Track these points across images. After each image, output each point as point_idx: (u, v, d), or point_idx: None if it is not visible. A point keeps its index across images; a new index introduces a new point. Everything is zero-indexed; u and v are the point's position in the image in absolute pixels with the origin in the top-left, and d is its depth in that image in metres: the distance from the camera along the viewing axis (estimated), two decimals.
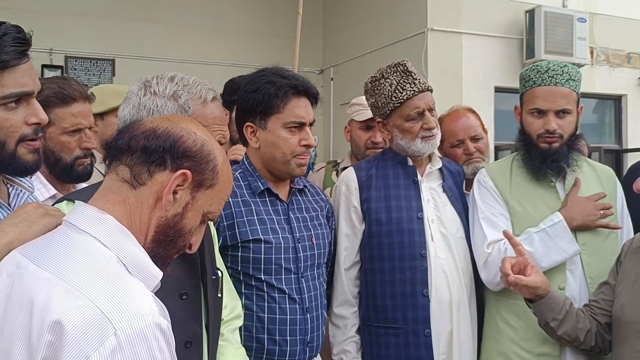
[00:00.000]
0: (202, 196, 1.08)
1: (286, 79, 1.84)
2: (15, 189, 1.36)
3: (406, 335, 2.00)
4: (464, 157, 2.46)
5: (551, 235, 1.94)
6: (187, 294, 1.40)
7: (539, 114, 2.02)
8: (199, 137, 1.08)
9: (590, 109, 6.69)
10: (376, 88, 2.11)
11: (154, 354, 0.88)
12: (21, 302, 0.92)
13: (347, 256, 2.09)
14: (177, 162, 1.04)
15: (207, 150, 1.08)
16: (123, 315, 0.87)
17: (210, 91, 1.47)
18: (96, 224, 0.99)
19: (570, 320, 1.81)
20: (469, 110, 2.58)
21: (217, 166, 1.09)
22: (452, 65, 5.46)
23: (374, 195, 2.08)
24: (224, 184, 1.11)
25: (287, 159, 1.84)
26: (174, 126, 1.07)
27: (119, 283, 0.92)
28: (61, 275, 0.91)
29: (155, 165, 1.03)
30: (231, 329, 1.67)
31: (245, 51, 6.15)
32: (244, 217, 1.80)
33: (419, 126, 2.06)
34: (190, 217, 1.07)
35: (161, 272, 1.06)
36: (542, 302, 1.80)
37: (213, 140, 1.13)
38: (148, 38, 6.15)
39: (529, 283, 1.76)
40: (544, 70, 2.03)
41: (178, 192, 1.04)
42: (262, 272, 1.80)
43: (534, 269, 1.79)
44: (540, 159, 2.02)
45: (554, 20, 5.63)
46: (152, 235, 1.05)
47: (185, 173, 1.04)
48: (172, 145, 1.04)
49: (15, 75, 1.20)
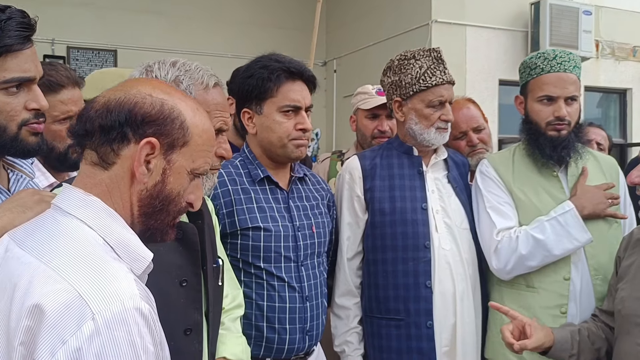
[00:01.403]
0: (178, 157, 1.02)
1: (280, 62, 1.83)
2: (15, 175, 1.35)
3: (408, 327, 1.99)
4: (468, 149, 2.45)
5: (563, 224, 1.93)
6: (187, 281, 1.40)
7: (549, 101, 2.01)
8: (156, 98, 1.01)
9: (595, 103, 6.65)
10: (403, 67, 2.07)
11: (133, 338, 0.85)
12: (4, 286, 0.91)
13: (349, 246, 2.08)
14: (139, 132, 0.98)
15: (168, 110, 1.01)
16: (102, 299, 0.85)
17: (212, 77, 1.47)
18: (82, 207, 0.97)
19: (586, 347, 1.80)
20: (469, 100, 2.56)
21: (184, 122, 1.02)
22: (456, 58, 5.42)
23: (378, 185, 2.07)
24: (200, 137, 1.04)
25: (283, 143, 1.83)
26: (126, 94, 1.00)
27: (100, 267, 0.90)
28: (44, 259, 0.90)
29: (118, 142, 0.98)
30: (232, 317, 1.67)
31: (248, 43, 6.12)
32: (244, 205, 1.80)
33: (437, 115, 2.04)
34: (174, 181, 1.02)
35: (151, 253, 1.03)
36: (553, 350, 1.79)
37: (175, 96, 1.04)
38: (150, 29, 6.15)
39: (534, 345, 1.74)
40: (551, 57, 2.01)
41: (151, 161, 0.99)
42: (262, 260, 1.79)
43: (532, 326, 1.76)
44: (550, 146, 2.01)
45: (559, 12, 5.59)
46: (138, 210, 1.01)
47: (150, 141, 0.98)
48: (128, 117, 0.98)
49: (18, 60, 1.20)
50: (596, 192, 1.98)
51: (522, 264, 1.96)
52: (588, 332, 1.83)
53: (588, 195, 1.97)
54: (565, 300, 1.94)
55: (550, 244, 1.92)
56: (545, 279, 1.98)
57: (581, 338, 1.81)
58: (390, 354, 2.01)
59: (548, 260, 1.96)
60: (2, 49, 1.17)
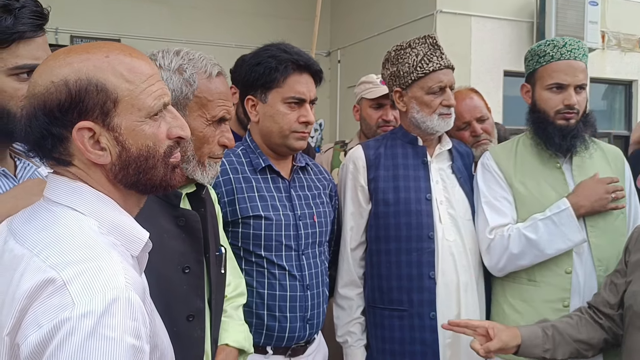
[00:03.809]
0: (120, 118, 0.93)
1: (288, 54, 1.83)
2: (22, 163, 1.36)
3: (411, 318, 1.99)
4: (472, 140, 2.42)
5: (557, 223, 1.90)
6: (189, 268, 1.40)
7: (559, 89, 1.97)
8: (58, 81, 0.90)
9: (600, 95, 6.62)
10: (400, 57, 2.06)
11: (115, 331, 0.82)
12: (1, 280, 0.90)
13: (352, 236, 2.07)
14: (67, 124, 0.91)
15: (76, 86, 0.90)
16: (86, 290, 0.82)
17: (216, 66, 1.47)
18: (70, 194, 0.94)
19: (563, 341, 1.77)
20: (472, 90, 2.53)
21: (98, 84, 0.91)
22: (461, 49, 5.39)
23: (382, 175, 2.05)
24: (125, 82, 0.93)
25: (285, 134, 1.84)
26: (34, 90, 0.92)
27: (91, 256, 0.87)
28: (35, 249, 0.88)
29: (58, 145, 0.92)
30: (235, 306, 1.68)
31: (252, 33, 6.11)
32: (245, 194, 1.80)
33: (439, 102, 2.02)
34: (135, 140, 0.94)
35: (146, 232, 1.00)
36: (522, 348, 1.77)
37: (74, 62, 0.92)
38: (154, 19, 6.14)
39: (497, 346, 1.73)
40: (561, 44, 1.98)
41: (99, 140, 0.92)
42: (263, 248, 1.79)
43: (495, 328, 1.75)
44: (559, 135, 1.97)
45: (565, 3, 5.55)
46: (122, 184, 0.97)
47: (82, 126, 0.91)
48: (46, 117, 0.90)
49: (31, 48, 1.22)
50: (595, 188, 1.93)
51: (513, 262, 1.96)
52: (567, 326, 1.80)
53: (586, 193, 1.93)
54: (568, 294, 1.93)
55: (543, 244, 1.91)
56: (547, 272, 1.96)
57: (555, 332, 1.78)
58: (393, 345, 2.01)
59: (540, 259, 1.94)
60: (15, 36, 1.18)
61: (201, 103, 1.43)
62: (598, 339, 1.78)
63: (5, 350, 0.85)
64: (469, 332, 1.78)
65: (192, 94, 1.42)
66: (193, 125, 1.41)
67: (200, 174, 1.44)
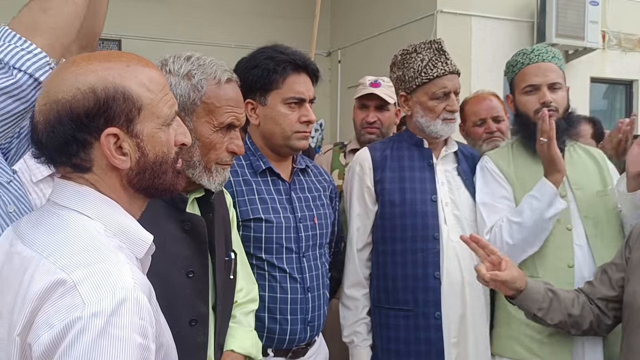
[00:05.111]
0: (142, 125, 0.97)
1: (285, 54, 1.84)
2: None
3: (416, 318, 2.00)
4: (485, 135, 2.52)
5: (537, 197, 1.93)
6: (194, 272, 1.40)
7: (534, 90, 2.06)
8: (85, 87, 0.92)
9: (600, 94, 6.61)
10: (406, 61, 2.09)
11: (124, 330, 0.85)
12: (9, 282, 0.92)
13: (359, 237, 2.09)
14: (93, 130, 0.93)
15: (103, 93, 0.93)
16: (95, 291, 0.85)
17: (226, 72, 1.46)
18: (77, 198, 0.96)
19: (557, 307, 1.78)
20: (493, 94, 2.67)
21: (124, 92, 0.94)
22: (462, 49, 5.39)
23: (388, 176, 2.07)
24: (147, 91, 0.97)
25: (287, 135, 1.84)
26: (56, 97, 0.93)
27: (98, 258, 0.90)
28: (44, 252, 0.90)
29: (82, 150, 0.94)
30: (245, 311, 1.67)
31: (251, 33, 6.10)
32: (245, 196, 1.80)
33: (443, 107, 2.04)
34: (153, 147, 0.99)
35: (151, 235, 1.02)
36: (522, 295, 1.77)
37: (99, 69, 0.94)
38: (155, 19, 6.13)
39: (505, 277, 1.72)
40: (529, 51, 2.11)
41: (122, 146, 0.95)
42: (263, 251, 1.79)
43: (508, 263, 1.75)
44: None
45: (565, 2, 5.55)
46: (135, 189, 1.00)
47: (109, 132, 0.93)
48: (72, 122, 0.92)
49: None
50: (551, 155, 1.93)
51: (512, 254, 1.95)
52: (566, 297, 1.81)
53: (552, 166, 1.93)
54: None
55: (529, 222, 1.92)
56: (549, 267, 1.97)
57: (555, 298, 1.80)
58: (399, 345, 2.02)
59: (535, 244, 1.95)
60: None
61: (209, 109, 1.42)
62: (586, 321, 1.81)
63: (17, 350, 0.87)
64: (481, 252, 1.78)
65: (200, 99, 1.41)
66: (200, 131, 1.40)
67: (206, 180, 1.43)
